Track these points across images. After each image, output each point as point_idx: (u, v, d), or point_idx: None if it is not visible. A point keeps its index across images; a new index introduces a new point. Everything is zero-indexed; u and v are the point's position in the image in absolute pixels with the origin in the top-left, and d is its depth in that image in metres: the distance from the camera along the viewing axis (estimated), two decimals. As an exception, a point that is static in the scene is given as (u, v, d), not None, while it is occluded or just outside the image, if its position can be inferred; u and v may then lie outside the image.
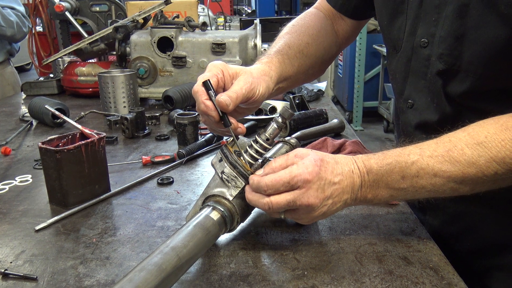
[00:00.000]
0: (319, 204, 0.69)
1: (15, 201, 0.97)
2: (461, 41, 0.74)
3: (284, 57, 0.93)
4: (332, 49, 1.05)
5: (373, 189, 0.72)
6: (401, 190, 0.71)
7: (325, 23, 1.05)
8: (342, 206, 0.73)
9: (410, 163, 0.69)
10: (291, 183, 0.68)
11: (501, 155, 0.64)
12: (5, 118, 1.69)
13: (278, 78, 0.90)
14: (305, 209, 0.70)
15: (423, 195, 0.72)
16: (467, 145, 0.67)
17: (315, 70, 1.04)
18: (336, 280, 0.67)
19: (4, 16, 2.37)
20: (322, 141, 1.15)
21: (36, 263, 0.73)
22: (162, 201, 0.95)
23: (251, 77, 0.80)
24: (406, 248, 0.75)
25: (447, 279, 0.66)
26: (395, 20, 0.87)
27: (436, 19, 0.78)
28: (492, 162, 0.65)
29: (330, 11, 1.06)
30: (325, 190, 0.70)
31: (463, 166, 0.66)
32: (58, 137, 0.97)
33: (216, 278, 0.68)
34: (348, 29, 1.06)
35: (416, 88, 0.86)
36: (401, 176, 0.70)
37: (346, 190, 0.71)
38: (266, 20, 2.33)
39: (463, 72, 0.76)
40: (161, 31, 1.75)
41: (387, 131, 5.18)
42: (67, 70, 1.98)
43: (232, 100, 0.74)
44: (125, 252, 0.76)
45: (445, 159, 0.67)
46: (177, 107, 1.60)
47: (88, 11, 2.26)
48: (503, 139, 0.65)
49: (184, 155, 1.17)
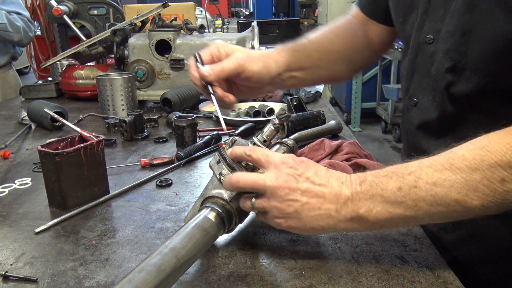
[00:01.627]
0: (287, 191, 0.65)
1: (14, 204, 0.97)
2: (468, 36, 0.71)
3: (300, 47, 0.95)
4: (363, 52, 1.03)
5: (366, 202, 0.64)
6: (399, 205, 0.63)
7: (355, 25, 1.04)
8: (325, 218, 0.66)
9: (408, 173, 0.63)
10: (262, 160, 0.69)
11: (506, 159, 0.58)
12: (4, 121, 1.70)
13: (287, 64, 0.91)
14: (272, 193, 0.66)
15: (426, 215, 0.63)
16: (468, 150, 0.61)
17: (342, 69, 1.02)
18: (334, 280, 0.67)
19: (11, 22, 2.39)
20: (319, 143, 1.16)
21: (36, 265, 0.74)
22: (161, 203, 0.96)
23: (244, 55, 0.86)
24: (402, 248, 0.76)
25: (443, 277, 0.67)
26: (409, 17, 0.86)
27: (442, 14, 0.76)
28: (496, 167, 0.58)
29: (362, 16, 1.05)
30: (298, 181, 0.66)
31: (465, 173, 0.60)
32: (57, 140, 0.98)
33: (214, 278, 0.69)
34: (382, 34, 1.02)
35: (420, 86, 0.84)
36: (397, 187, 0.63)
37: (329, 198, 0.65)
38: (264, 23, 2.34)
39: (469, 69, 0.73)
40: (159, 34, 1.76)
41: (385, 132, 5.19)
42: (65, 73, 1.99)
43: (214, 71, 0.82)
44: (125, 254, 0.77)
45: (444, 167, 0.61)
46: (176, 110, 1.60)
47: (86, 14, 2.26)
48: (508, 142, 0.59)
49: (182, 157, 1.18)
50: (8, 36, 2.40)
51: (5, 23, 2.35)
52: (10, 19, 2.38)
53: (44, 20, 3.28)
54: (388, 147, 4.86)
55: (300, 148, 1.15)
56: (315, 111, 1.44)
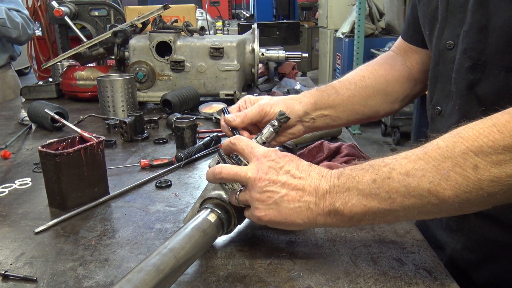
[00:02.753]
0: (267, 183, 0.67)
1: (15, 204, 0.98)
2: (485, 32, 0.70)
3: (327, 87, 0.98)
4: (403, 83, 1.02)
5: (342, 195, 0.64)
6: (373, 198, 0.61)
7: (393, 59, 1.04)
8: (304, 211, 0.66)
9: (383, 165, 0.62)
10: (246, 151, 0.72)
11: (478, 143, 0.55)
12: (5, 122, 1.70)
13: (314, 103, 0.94)
14: (252, 185, 0.68)
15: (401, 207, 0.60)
16: (443, 139, 0.59)
17: (379, 102, 1.01)
18: (331, 281, 0.68)
19: (10, 18, 2.39)
20: (318, 145, 1.16)
21: (36, 265, 0.74)
22: (160, 204, 0.96)
23: (266, 100, 0.91)
24: (400, 250, 0.76)
25: (440, 279, 0.67)
26: (434, 28, 0.85)
27: (461, 18, 0.76)
28: (468, 153, 0.55)
29: (401, 48, 1.05)
30: (279, 174, 0.67)
31: (437, 162, 0.57)
32: (57, 141, 0.98)
33: (213, 279, 0.69)
34: (422, 60, 1.01)
35: (443, 93, 0.83)
36: (372, 180, 0.62)
37: (308, 191, 0.66)
38: (264, 25, 2.35)
39: (490, 66, 0.71)
40: (159, 35, 1.77)
41: (385, 135, 5.20)
42: (66, 74, 1.99)
43: (238, 117, 0.88)
44: (124, 254, 0.77)
45: (418, 157, 0.59)
46: (176, 111, 1.61)
47: (87, 15, 2.27)
48: (481, 127, 0.56)
49: (182, 158, 1.19)
50: (7, 32, 2.40)
51: (4, 18, 2.35)
52: (9, 14, 2.38)
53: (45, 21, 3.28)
54: (388, 150, 4.86)
55: (300, 150, 1.15)
56: (314, 113, 1.44)
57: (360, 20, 5.01)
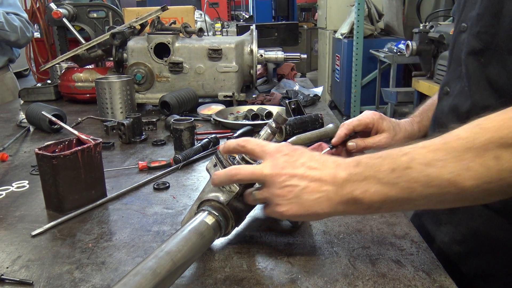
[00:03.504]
0: (285, 177, 0.66)
1: (11, 206, 0.97)
2: (498, 17, 0.71)
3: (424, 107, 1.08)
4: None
5: (361, 184, 0.63)
6: (393, 187, 0.61)
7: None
8: (324, 201, 0.65)
9: (402, 155, 0.61)
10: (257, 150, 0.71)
11: (499, 134, 0.55)
12: (3, 124, 1.70)
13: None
14: (271, 182, 0.67)
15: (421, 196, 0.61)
16: (463, 129, 0.59)
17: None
18: (330, 284, 0.67)
19: (9, 21, 2.39)
20: (317, 146, 1.15)
21: (32, 268, 0.74)
22: (158, 206, 0.96)
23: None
24: (399, 251, 0.75)
25: (439, 281, 0.67)
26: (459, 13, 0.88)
27: (475, 2, 0.77)
28: (489, 143, 0.55)
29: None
30: (295, 167, 0.67)
31: (457, 152, 0.57)
32: (54, 143, 0.98)
33: (210, 282, 0.69)
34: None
35: (454, 74, 0.85)
36: (391, 169, 0.61)
37: (326, 180, 0.65)
38: (263, 26, 2.34)
39: (500, 50, 0.71)
40: (158, 37, 1.76)
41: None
42: (64, 76, 1.99)
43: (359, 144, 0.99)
44: (121, 257, 0.77)
45: (438, 147, 0.59)
46: (174, 113, 1.61)
47: (85, 17, 2.27)
48: (503, 118, 0.56)
49: (180, 160, 1.18)
50: (5, 35, 2.40)
51: (2, 21, 2.35)
52: (7, 18, 2.38)
53: (43, 23, 3.29)
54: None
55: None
56: (313, 114, 1.44)
57: (359, 21, 5.01)
